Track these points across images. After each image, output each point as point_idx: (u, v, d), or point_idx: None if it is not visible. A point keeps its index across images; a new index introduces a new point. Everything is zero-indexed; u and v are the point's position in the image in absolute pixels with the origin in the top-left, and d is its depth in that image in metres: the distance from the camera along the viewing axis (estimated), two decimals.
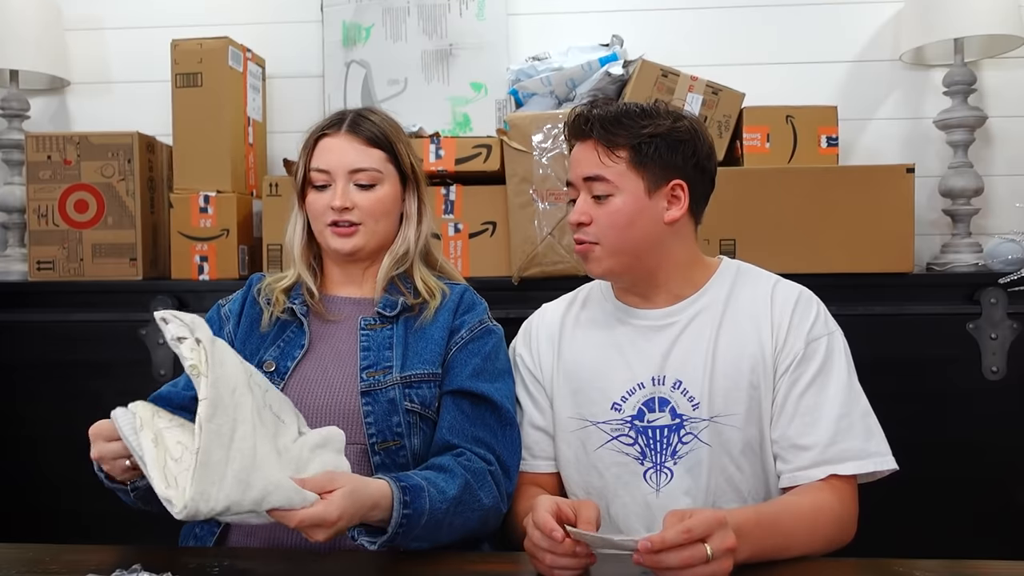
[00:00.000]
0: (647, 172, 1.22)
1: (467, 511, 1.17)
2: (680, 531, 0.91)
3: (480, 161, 1.94)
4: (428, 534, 1.11)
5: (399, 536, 1.08)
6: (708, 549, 0.91)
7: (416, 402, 1.24)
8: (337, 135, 1.31)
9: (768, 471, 1.23)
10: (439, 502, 1.12)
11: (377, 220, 1.31)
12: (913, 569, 1.02)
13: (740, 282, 1.29)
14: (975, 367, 1.87)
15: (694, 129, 1.25)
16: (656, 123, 1.22)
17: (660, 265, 1.26)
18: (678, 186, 1.23)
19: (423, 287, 1.32)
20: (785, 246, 1.84)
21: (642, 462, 1.24)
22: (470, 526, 1.19)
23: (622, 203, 1.22)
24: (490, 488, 1.21)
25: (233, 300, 1.38)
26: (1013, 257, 1.93)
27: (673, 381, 1.24)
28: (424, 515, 1.09)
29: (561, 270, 1.88)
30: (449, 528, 1.15)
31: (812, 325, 1.23)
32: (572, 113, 1.27)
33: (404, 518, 1.07)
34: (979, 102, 2.20)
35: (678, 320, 1.27)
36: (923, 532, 1.79)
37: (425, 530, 1.10)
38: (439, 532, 1.13)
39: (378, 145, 1.31)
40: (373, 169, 1.30)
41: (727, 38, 2.30)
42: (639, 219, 1.22)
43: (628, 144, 1.21)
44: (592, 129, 1.23)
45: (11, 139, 2.24)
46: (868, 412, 1.21)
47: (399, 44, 2.33)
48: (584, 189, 1.24)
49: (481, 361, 1.29)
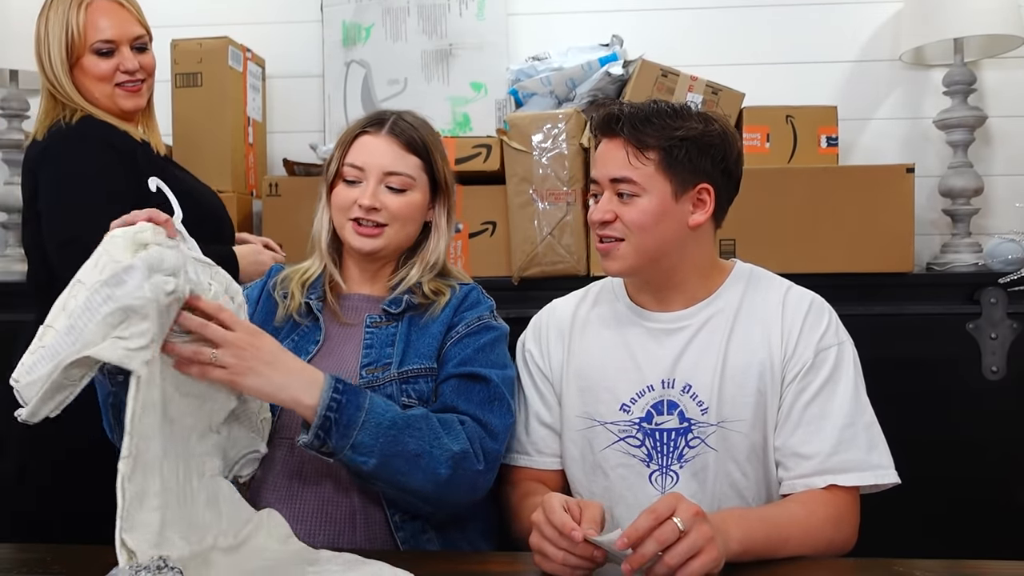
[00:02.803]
0: (675, 175, 1.20)
1: (425, 442, 1.14)
2: (646, 514, 0.94)
3: (480, 161, 1.94)
4: (372, 444, 1.10)
5: (332, 428, 1.08)
6: (678, 522, 0.93)
7: (413, 397, 1.24)
8: (377, 135, 1.31)
9: (771, 478, 1.23)
10: (383, 409, 1.13)
11: (403, 225, 1.31)
12: (913, 569, 1.02)
13: (753, 287, 1.28)
14: (975, 367, 1.87)
15: (724, 133, 1.23)
16: (688, 126, 1.20)
17: (678, 267, 1.25)
18: (705, 190, 1.22)
19: (430, 290, 1.32)
20: (785, 246, 1.84)
21: (648, 464, 1.24)
22: (434, 467, 1.14)
23: (648, 204, 1.20)
24: (459, 435, 1.17)
25: (253, 287, 1.39)
26: (1013, 257, 1.93)
27: (683, 385, 1.24)
28: (361, 411, 1.10)
29: (561, 270, 1.88)
30: (404, 453, 1.12)
31: (823, 334, 1.22)
32: (603, 110, 1.25)
33: (334, 402, 1.08)
34: (979, 102, 2.20)
35: (690, 324, 1.26)
36: (923, 532, 1.79)
37: (367, 435, 1.10)
38: (389, 451, 1.11)
39: (415, 151, 1.32)
40: (407, 175, 1.30)
41: (727, 38, 2.30)
42: (664, 221, 1.21)
43: (658, 146, 1.19)
44: (623, 128, 1.20)
45: (11, 139, 2.24)
46: (873, 424, 1.20)
47: (399, 44, 2.33)
48: (609, 188, 1.23)
49: (472, 352, 1.28)
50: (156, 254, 0.96)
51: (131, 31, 1.61)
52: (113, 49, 1.59)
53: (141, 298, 0.92)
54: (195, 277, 1.02)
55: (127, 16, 1.61)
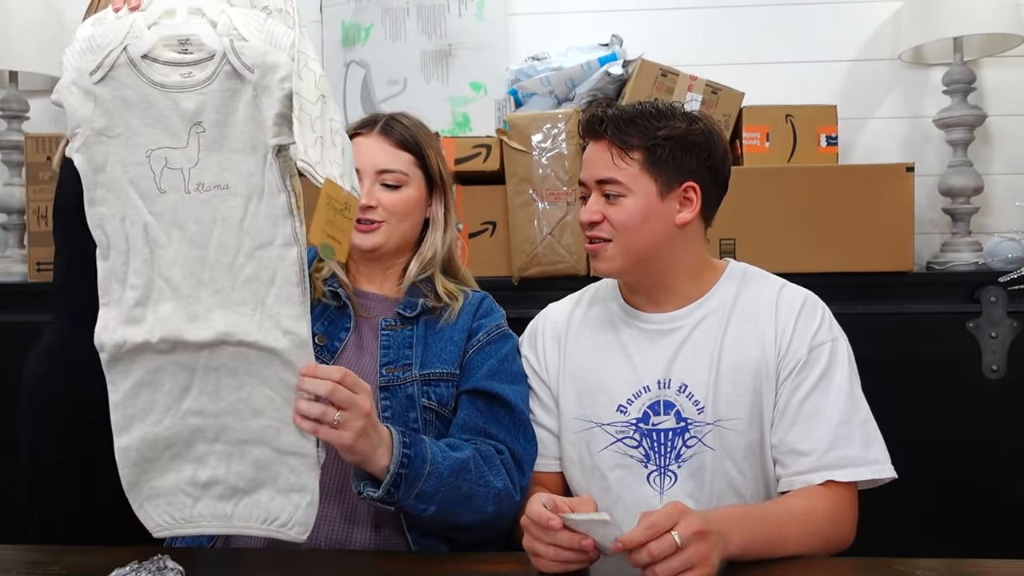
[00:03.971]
0: (660, 174, 1.21)
1: (475, 484, 1.16)
2: (645, 527, 0.93)
3: (480, 161, 1.94)
4: (434, 492, 1.12)
5: (402, 483, 1.09)
6: (676, 537, 0.93)
7: (433, 400, 1.26)
8: (369, 135, 1.34)
9: (769, 476, 1.23)
10: (442, 458, 1.14)
11: (400, 219, 1.33)
12: (913, 568, 1.02)
13: (746, 286, 1.28)
14: (975, 366, 1.87)
15: (709, 131, 1.24)
16: (671, 125, 1.21)
17: (668, 267, 1.26)
18: (691, 188, 1.23)
19: (444, 291, 1.34)
20: (785, 245, 1.84)
21: (646, 465, 1.25)
22: (482, 506, 1.17)
23: (634, 204, 1.21)
24: (500, 471, 1.21)
25: None
26: (1013, 256, 1.93)
27: (679, 385, 1.24)
28: (426, 464, 1.11)
29: (561, 270, 1.88)
30: (458, 497, 1.14)
31: (816, 331, 1.22)
32: (587, 113, 1.26)
33: (405, 458, 1.09)
34: (978, 101, 2.20)
35: (684, 324, 1.26)
36: (923, 531, 1.79)
37: (430, 485, 1.11)
38: (447, 497, 1.13)
39: (407, 148, 1.34)
40: (399, 171, 1.33)
41: (726, 38, 2.30)
42: (650, 221, 1.22)
43: (642, 146, 1.20)
44: (606, 130, 1.22)
45: (11, 140, 2.24)
46: (869, 420, 1.20)
47: (398, 44, 2.33)
48: (596, 190, 1.24)
49: (497, 363, 1.31)
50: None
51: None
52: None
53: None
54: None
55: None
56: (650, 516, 0.95)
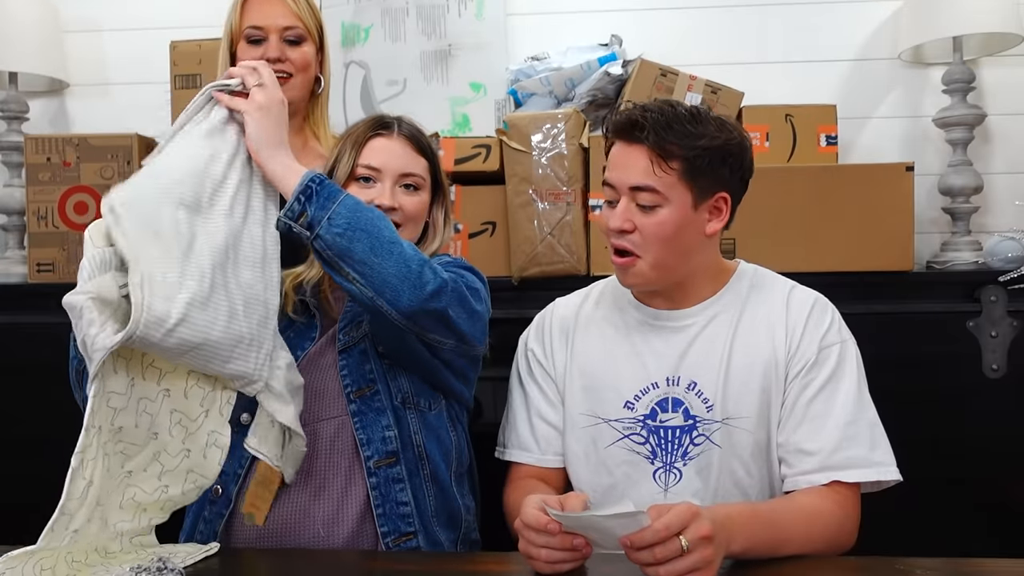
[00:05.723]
0: (696, 185, 1.19)
1: (400, 240, 1.15)
2: (657, 529, 0.92)
3: (479, 161, 1.94)
4: (351, 216, 1.11)
5: (314, 197, 1.11)
6: (683, 541, 0.92)
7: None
8: (391, 138, 1.34)
9: (775, 475, 1.23)
10: (361, 206, 1.15)
11: (415, 224, 1.35)
12: (914, 567, 1.02)
13: (757, 286, 1.29)
14: (975, 365, 1.87)
15: (742, 141, 1.23)
16: (710, 135, 1.18)
17: (691, 272, 1.26)
18: (722, 199, 1.22)
19: None
20: (785, 245, 1.84)
21: (652, 461, 1.25)
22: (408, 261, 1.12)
23: (668, 215, 1.19)
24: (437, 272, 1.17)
25: None
26: (1013, 255, 1.93)
27: (688, 382, 1.24)
28: (341, 193, 1.13)
29: (561, 270, 1.88)
30: (379, 236, 1.12)
31: (826, 332, 1.22)
32: (621, 114, 1.22)
33: (318, 177, 1.13)
34: (978, 100, 2.20)
35: (695, 322, 1.26)
36: (923, 530, 1.79)
37: (346, 209, 1.11)
38: (366, 226, 1.11)
39: (423, 153, 1.36)
40: (419, 175, 1.34)
41: (726, 37, 2.30)
42: (683, 231, 1.20)
43: (682, 156, 1.17)
44: (647, 136, 1.17)
45: (10, 141, 2.24)
46: (876, 422, 1.20)
47: (398, 44, 2.33)
48: (628, 196, 1.20)
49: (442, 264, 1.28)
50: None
51: (281, 21, 1.61)
52: (262, 38, 1.60)
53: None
54: None
55: (282, 7, 1.62)
56: (663, 516, 0.94)
